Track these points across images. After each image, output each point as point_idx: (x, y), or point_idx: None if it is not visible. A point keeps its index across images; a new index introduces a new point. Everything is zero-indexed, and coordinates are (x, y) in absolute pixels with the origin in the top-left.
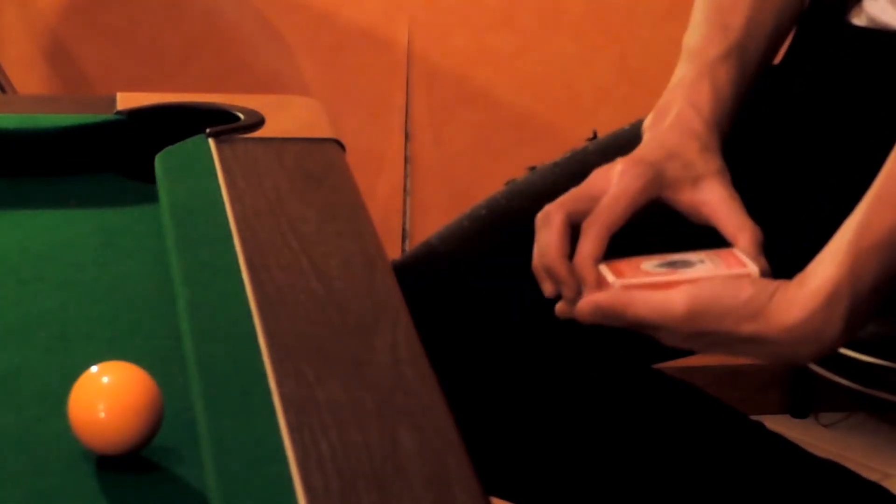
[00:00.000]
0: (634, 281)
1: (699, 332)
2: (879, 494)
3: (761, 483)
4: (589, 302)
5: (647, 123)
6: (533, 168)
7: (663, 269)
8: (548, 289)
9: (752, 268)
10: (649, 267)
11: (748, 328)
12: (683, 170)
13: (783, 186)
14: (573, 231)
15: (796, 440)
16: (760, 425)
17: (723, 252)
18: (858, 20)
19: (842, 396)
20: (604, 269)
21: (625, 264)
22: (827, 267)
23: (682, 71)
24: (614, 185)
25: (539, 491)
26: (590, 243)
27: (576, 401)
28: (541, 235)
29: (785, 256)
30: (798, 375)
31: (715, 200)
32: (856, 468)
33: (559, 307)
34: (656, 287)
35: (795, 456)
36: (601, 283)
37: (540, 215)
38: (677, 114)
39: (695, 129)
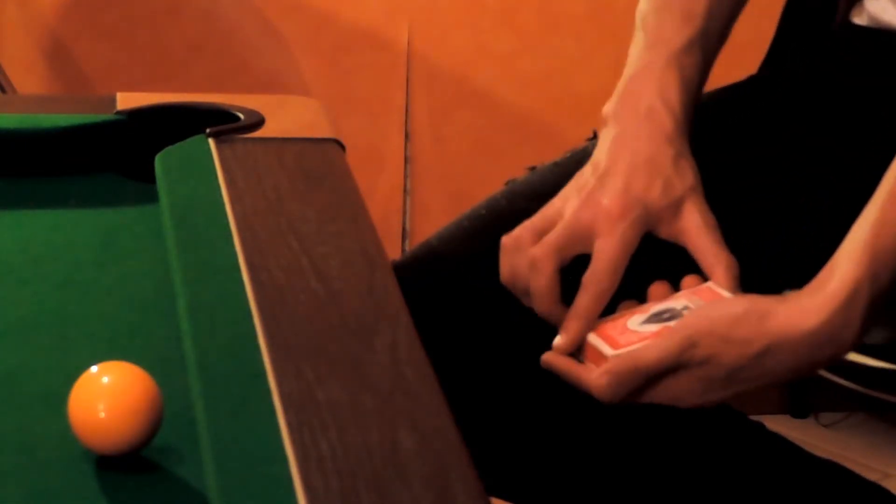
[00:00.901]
0: (630, 349)
1: (713, 363)
2: (879, 494)
3: (761, 483)
4: (602, 375)
5: (609, 109)
6: (533, 168)
7: (652, 325)
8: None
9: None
10: (636, 326)
11: (760, 342)
12: (664, 196)
13: (783, 186)
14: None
15: (796, 440)
16: (760, 425)
17: (701, 290)
18: (859, 19)
19: (842, 396)
20: (595, 340)
21: (611, 328)
22: (845, 267)
23: (645, 56)
24: (608, 234)
25: (539, 491)
26: (590, 302)
27: (575, 401)
28: (532, 280)
29: (784, 256)
30: None
31: (692, 229)
32: (856, 468)
33: (550, 355)
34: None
35: (795, 456)
36: (597, 357)
37: (530, 258)
38: (648, 109)
39: (667, 131)
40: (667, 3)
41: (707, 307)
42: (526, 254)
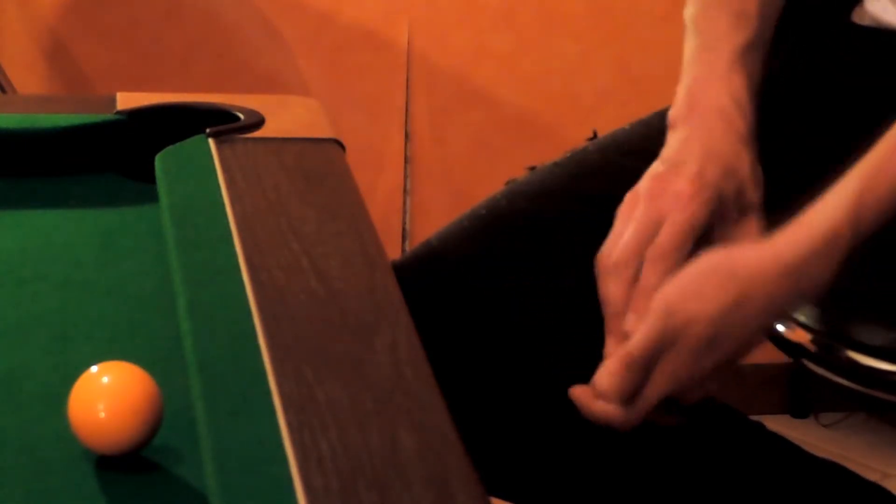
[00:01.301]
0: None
1: (694, 324)
2: (879, 495)
3: (761, 484)
4: (602, 377)
5: (676, 113)
6: (533, 168)
7: None
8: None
9: None
10: None
11: (734, 289)
12: (736, 196)
13: (782, 184)
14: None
15: (796, 440)
16: (760, 426)
17: None
18: (861, 19)
19: (842, 396)
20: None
21: None
22: (831, 210)
23: (705, 56)
24: (679, 210)
25: (538, 491)
26: (653, 276)
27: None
28: (608, 285)
29: None
30: (798, 375)
31: (747, 240)
32: (856, 468)
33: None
34: None
35: (795, 456)
36: None
37: (610, 261)
38: (720, 109)
39: (740, 131)
40: (718, 3)
41: (674, 277)
42: (627, 272)
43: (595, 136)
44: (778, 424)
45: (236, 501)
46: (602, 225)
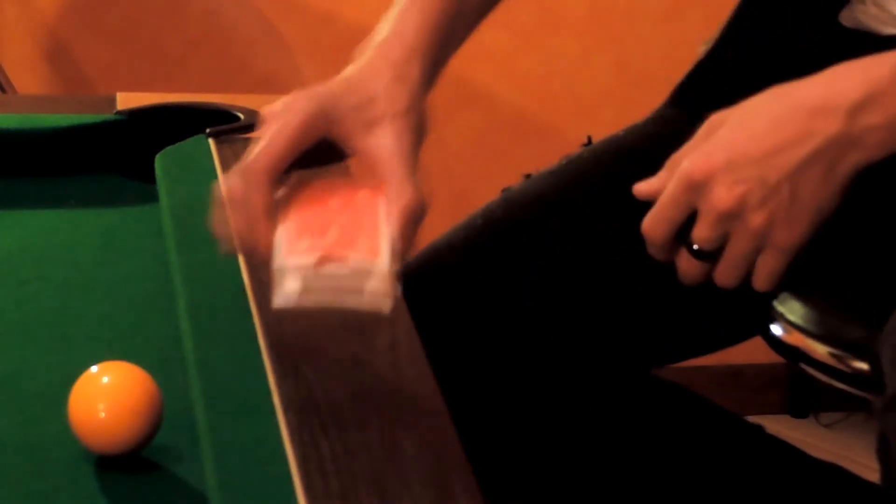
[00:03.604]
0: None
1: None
2: (879, 495)
3: (761, 486)
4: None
5: (356, 54)
6: (528, 175)
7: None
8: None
9: (381, 263)
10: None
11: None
12: (358, 109)
13: None
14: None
15: (796, 440)
16: (760, 428)
17: (368, 221)
18: (847, 21)
19: (842, 396)
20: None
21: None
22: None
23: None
24: (276, 119)
25: (538, 491)
26: (256, 194)
27: (574, 405)
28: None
29: None
30: (798, 376)
31: (381, 152)
32: (856, 468)
33: None
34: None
35: (795, 458)
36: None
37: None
38: (379, 42)
39: (392, 58)
40: None
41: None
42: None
43: (589, 141)
44: (778, 424)
45: (236, 501)
46: (598, 231)
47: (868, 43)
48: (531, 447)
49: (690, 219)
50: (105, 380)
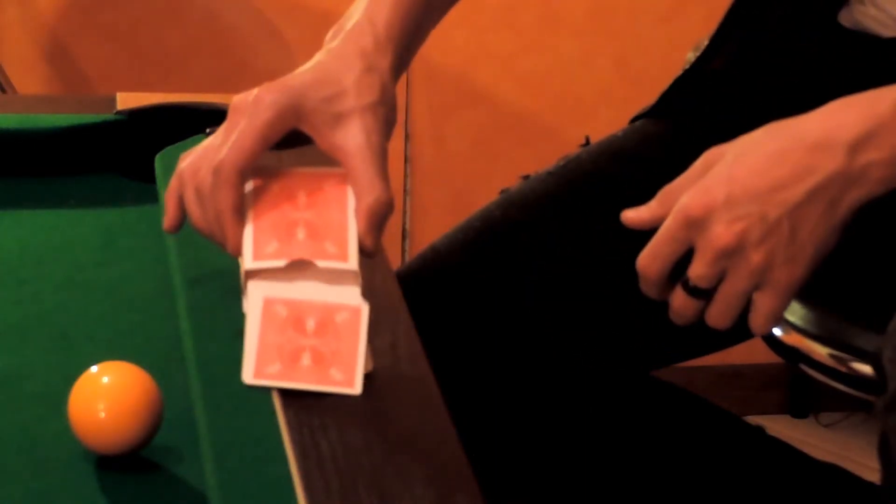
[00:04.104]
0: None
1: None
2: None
3: (761, 487)
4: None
5: (327, 38)
6: (526, 177)
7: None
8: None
9: (350, 264)
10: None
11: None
12: (326, 103)
13: None
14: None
15: (796, 440)
16: (760, 429)
17: (336, 218)
18: (847, 22)
19: (842, 396)
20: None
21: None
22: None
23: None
24: (245, 113)
25: (538, 492)
26: (225, 192)
27: (574, 406)
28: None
29: None
30: (798, 376)
31: (350, 147)
32: (856, 468)
33: None
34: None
35: (795, 459)
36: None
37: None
38: (350, 28)
39: (363, 47)
40: None
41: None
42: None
43: (587, 142)
44: (778, 424)
45: (236, 501)
46: (597, 232)
47: (867, 44)
48: (531, 447)
49: (685, 257)
50: (105, 380)
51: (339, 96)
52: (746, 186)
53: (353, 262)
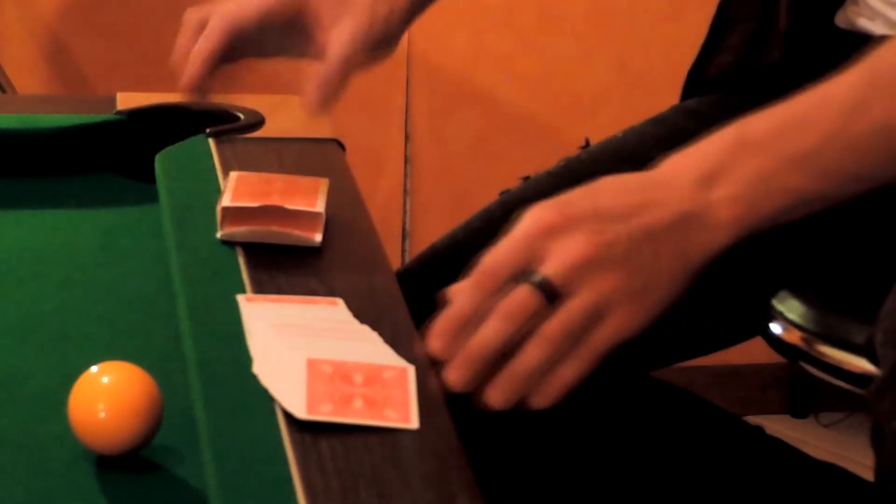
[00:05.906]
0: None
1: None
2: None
3: (761, 487)
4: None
5: None
6: (526, 178)
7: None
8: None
9: (316, 208)
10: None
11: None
12: (337, 5)
13: None
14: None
15: (796, 440)
16: (759, 429)
17: (306, 189)
18: (842, 23)
19: (842, 396)
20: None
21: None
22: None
23: None
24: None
25: (538, 492)
26: (209, 38)
27: (574, 406)
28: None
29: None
30: (798, 376)
31: (334, 41)
32: (856, 468)
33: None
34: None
35: (795, 459)
36: None
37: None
38: None
39: None
40: None
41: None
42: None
43: (587, 143)
44: (778, 424)
45: (236, 501)
46: None
47: (863, 44)
48: (531, 447)
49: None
50: (105, 380)
51: (346, 3)
52: (610, 206)
53: (319, 207)
